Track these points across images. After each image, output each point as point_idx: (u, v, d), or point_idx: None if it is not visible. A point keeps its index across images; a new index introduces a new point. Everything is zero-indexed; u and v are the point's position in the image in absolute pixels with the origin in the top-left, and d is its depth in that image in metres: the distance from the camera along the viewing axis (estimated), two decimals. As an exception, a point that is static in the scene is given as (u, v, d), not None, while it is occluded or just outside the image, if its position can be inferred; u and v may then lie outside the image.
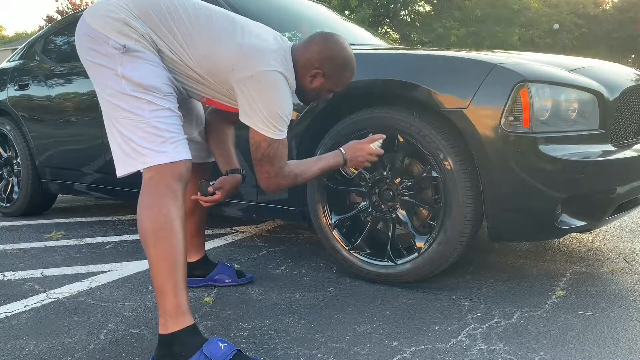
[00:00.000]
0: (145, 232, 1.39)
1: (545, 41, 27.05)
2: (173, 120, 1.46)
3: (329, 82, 1.66)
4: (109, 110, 1.46)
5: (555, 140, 1.76)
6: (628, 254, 2.34)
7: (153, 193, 1.41)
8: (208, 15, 1.55)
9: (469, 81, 1.78)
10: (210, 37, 1.51)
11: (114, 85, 1.43)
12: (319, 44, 1.63)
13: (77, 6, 27.96)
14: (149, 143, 1.40)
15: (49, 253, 2.64)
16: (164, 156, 1.41)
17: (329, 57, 1.62)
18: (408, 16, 29.35)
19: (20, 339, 1.65)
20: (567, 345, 1.51)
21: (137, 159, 1.41)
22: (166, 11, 1.50)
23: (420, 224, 2.02)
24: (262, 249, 2.60)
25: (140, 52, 1.45)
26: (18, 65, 3.59)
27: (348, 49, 1.66)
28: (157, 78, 1.46)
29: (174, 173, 1.42)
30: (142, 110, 1.41)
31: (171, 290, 1.37)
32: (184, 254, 1.41)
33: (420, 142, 1.86)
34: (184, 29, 1.50)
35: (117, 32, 1.43)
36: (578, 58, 2.29)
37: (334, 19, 3.50)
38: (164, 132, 1.42)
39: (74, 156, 3.14)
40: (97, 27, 1.45)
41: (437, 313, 1.76)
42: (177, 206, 1.41)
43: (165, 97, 1.46)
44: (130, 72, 1.42)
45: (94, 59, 1.46)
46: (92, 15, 1.48)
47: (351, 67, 1.67)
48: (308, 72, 1.62)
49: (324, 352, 1.51)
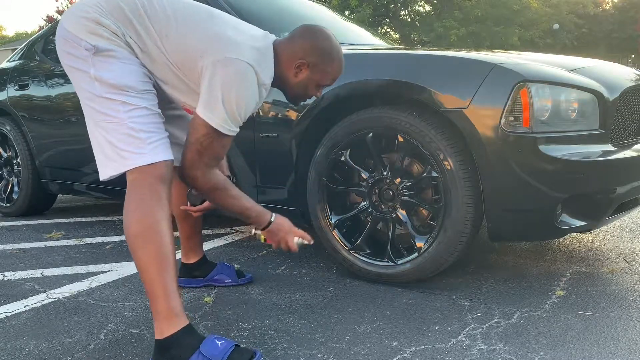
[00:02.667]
0: (131, 236, 1.38)
1: (545, 41, 27.05)
2: (150, 119, 1.42)
3: (315, 73, 1.57)
4: (88, 113, 1.44)
5: (556, 140, 1.76)
6: (628, 254, 2.34)
7: (137, 196, 1.39)
8: (184, 9, 1.50)
9: (469, 81, 1.78)
10: (185, 27, 1.46)
11: (88, 88, 1.41)
12: (303, 34, 1.57)
13: (77, 6, 27.89)
14: (127, 145, 1.38)
15: (49, 253, 2.64)
16: (143, 157, 1.38)
17: (313, 47, 1.55)
18: (408, 16, 29.35)
19: (20, 339, 1.65)
20: (567, 345, 1.51)
21: (118, 161, 1.39)
22: (140, 5, 1.46)
23: (420, 224, 2.02)
24: (262, 249, 2.60)
25: (112, 50, 1.41)
26: (18, 65, 3.59)
27: (333, 39, 1.59)
28: (130, 75, 1.42)
29: (155, 174, 1.39)
30: (117, 111, 1.38)
31: (162, 293, 1.36)
32: (172, 255, 1.39)
33: (420, 142, 1.86)
34: (156, 19, 1.46)
35: (88, 32, 1.41)
36: (578, 58, 2.29)
37: (334, 19, 3.50)
38: (139, 133, 1.39)
39: (74, 156, 3.14)
40: (71, 28, 1.43)
41: (437, 313, 1.76)
42: (161, 207, 1.38)
43: (140, 95, 1.42)
44: (102, 73, 1.39)
45: (70, 62, 1.45)
46: (67, 17, 1.47)
47: (337, 58, 1.59)
48: (292, 64, 1.55)
49: (324, 352, 1.51)
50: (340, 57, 1.60)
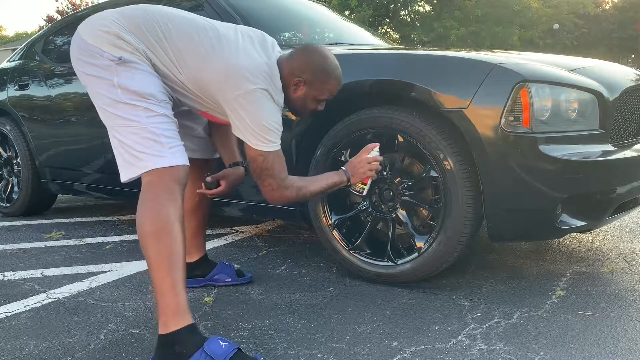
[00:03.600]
0: (145, 234, 1.41)
1: (545, 41, 27.06)
2: (169, 126, 1.49)
3: (311, 89, 1.66)
4: (107, 119, 1.50)
5: (555, 140, 1.76)
6: (628, 254, 2.34)
7: (152, 196, 1.43)
8: (195, 32, 1.57)
9: (469, 81, 1.78)
10: (198, 54, 1.54)
11: (109, 94, 1.46)
12: (299, 53, 1.66)
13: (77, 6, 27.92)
14: (147, 148, 1.43)
15: (49, 253, 2.64)
16: (163, 160, 1.43)
17: (308, 64, 1.64)
18: (408, 16, 29.36)
19: (20, 339, 1.65)
20: (567, 345, 1.51)
21: (136, 164, 1.44)
22: (157, 27, 1.54)
23: (420, 224, 2.02)
24: (262, 249, 2.60)
25: (135, 62, 1.48)
26: (18, 65, 3.59)
27: (330, 57, 1.68)
28: (152, 85, 1.49)
29: (172, 176, 1.44)
30: (139, 117, 1.44)
31: (171, 290, 1.38)
32: (183, 255, 1.42)
33: (420, 142, 1.86)
34: (173, 46, 1.54)
35: (111, 45, 1.47)
36: (578, 58, 2.29)
37: (334, 19, 3.50)
38: (160, 138, 1.45)
39: (74, 156, 3.14)
40: (91, 40, 1.49)
41: (437, 313, 1.76)
42: (176, 208, 1.42)
43: (160, 104, 1.49)
44: (125, 81, 1.46)
45: (88, 70, 1.50)
46: (85, 29, 1.53)
47: (334, 75, 1.67)
48: (291, 81, 1.64)
49: (324, 352, 1.51)
50: (338, 74, 1.69)
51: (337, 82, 1.69)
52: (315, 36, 3.07)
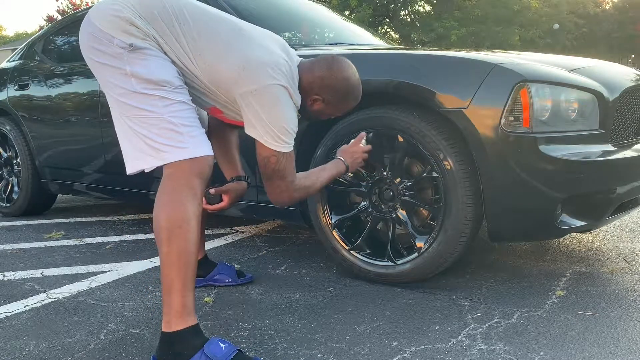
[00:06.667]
0: (160, 229, 1.37)
1: (545, 41, 27.05)
2: (188, 114, 1.42)
3: (329, 108, 1.65)
4: (120, 108, 1.42)
5: (555, 140, 1.76)
6: (628, 254, 2.34)
7: (171, 190, 1.38)
8: (215, 21, 1.51)
9: (469, 81, 1.78)
10: (216, 45, 1.47)
11: (123, 84, 1.40)
12: (322, 70, 1.60)
13: (78, 6, 27.94)
14: (167, 139, 1.37)
15: (49, 253, 2.64)
16: (184, 152, 1.38)
17: (329, 86, 1.60)
18: (408, 16, 29.36)
19: (20, 339, 1.65)
20: (567, 345, 1.51)
21: (155, 155, 1.38)
22: (172, 14, 1.46)
23: (420, 224, 2.02)
24: (262, 249, 2.60)
25: (147, 49, 1.41)
26: (18, 65, 3.59)
27: (352, 78, 1.63)
28: (166, 71, 1.42)
29: (194, 169, 1.39)
30: (156, 106, 1.38)
31: (179, 289, 1.36)
32: (195, 254, 1.39)
33: (420, 142, 1.86)
34: (189, 35, 1.46)
35: (122, 32, 1.40)
36: (578, 58, 2.29)
37: (334, 19, 3.50)
38: (180, 127, 1.38)
39: (73, 156, 3.14)
40: (102, 26, 1.41)
41: (437, 313, 1.76)
42: (195, 204, 1.38)
43: (177, 90, 1.42)
44: (138, 69, 1.39)
45: (99, 58, 1.43)
46: (97, 14, 1.45)
47: (353, 96, 1.65)
48: (309, 96, 1.60)
49: (324, 352, 1.51)
50: (357, 94, 1.67)
51: (355, 102, 1.68)
52: (315, 36, 3.07)
